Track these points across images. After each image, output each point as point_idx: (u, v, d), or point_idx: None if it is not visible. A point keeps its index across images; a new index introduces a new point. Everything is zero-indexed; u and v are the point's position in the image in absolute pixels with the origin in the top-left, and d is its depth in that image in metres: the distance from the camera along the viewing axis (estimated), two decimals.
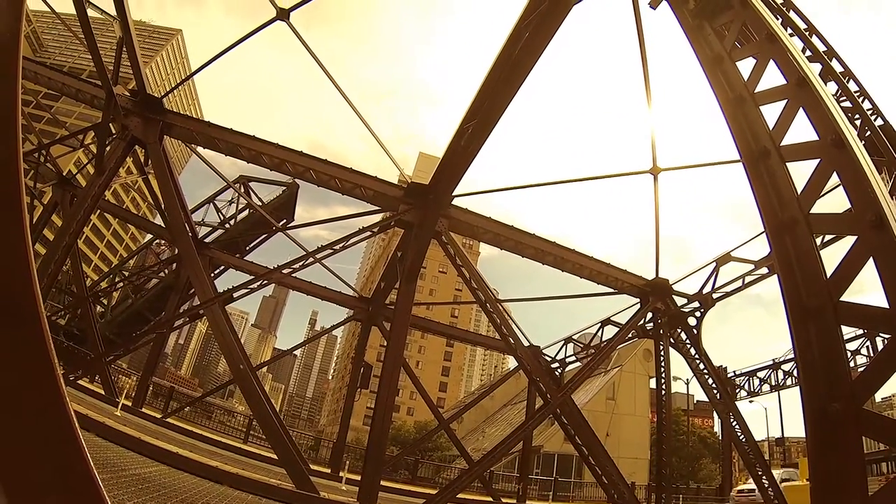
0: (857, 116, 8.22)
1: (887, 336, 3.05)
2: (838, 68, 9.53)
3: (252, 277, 14.46)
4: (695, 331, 15.79)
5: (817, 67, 7.34)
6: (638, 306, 15.29)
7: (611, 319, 17.95)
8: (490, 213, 13.71)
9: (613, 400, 39.03)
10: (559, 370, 21.16)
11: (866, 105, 9.55)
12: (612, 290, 15.23)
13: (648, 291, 15.03)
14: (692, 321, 15.91)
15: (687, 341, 15.55)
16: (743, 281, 15.62)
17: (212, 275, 17.74)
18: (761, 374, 29.39)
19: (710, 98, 5.04)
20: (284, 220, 22.23)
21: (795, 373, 24.96)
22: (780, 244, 3.83)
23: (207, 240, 20.09)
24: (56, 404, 1.24)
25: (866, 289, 3.98)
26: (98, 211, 18.60)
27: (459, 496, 13.37)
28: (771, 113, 4.35)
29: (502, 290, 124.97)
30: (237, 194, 21.46)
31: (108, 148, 12.65)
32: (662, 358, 15.28)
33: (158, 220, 20.63)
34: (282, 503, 8.95)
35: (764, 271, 14.98)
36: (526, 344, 15.38)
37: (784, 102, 4.21)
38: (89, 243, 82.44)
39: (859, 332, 21.41)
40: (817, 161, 3.76)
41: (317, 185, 13.26)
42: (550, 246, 14.31)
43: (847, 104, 8.22)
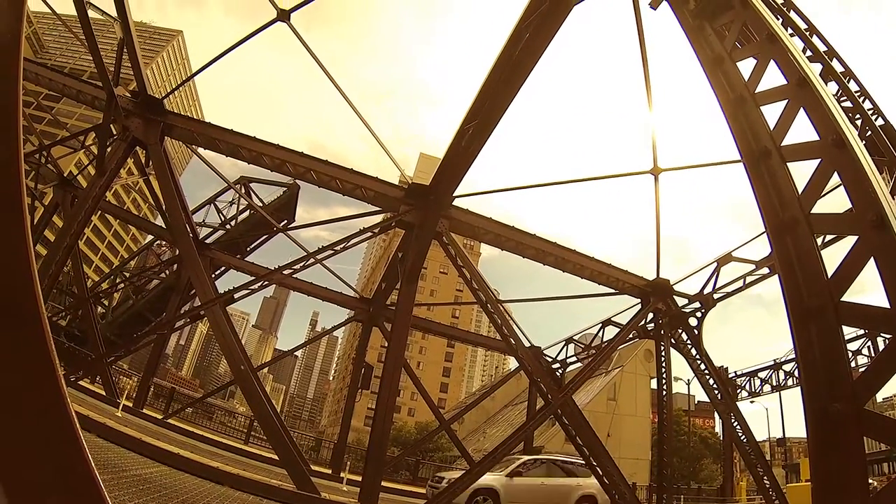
0: (858, 116, 8.22)
1: (888, 336, 3.05)
2: (839, 68, 9.52)
3: (253, 278, 14.45)
4: (696, 331, 15.77)
5: (818, 67, 7.33)
6: (639, 307, 15.27)
7: (612, 320, 17.94)
8: (491, 214, 13.71)
9: (614, 400, 38.93)
10: (560, 371, 21.15)
11: (867, 105, 9.54)
12: (613, 291, 15.22)
13: (649, 292, 15.01)
14: (693, 321, 15.90)
15: (688, 341, 15.52)
16: (744, 281, 15.61)
17: (212, 276, 17.77)
18: (762, 375, 29.37)
19: (711, 98, 5.05)
20: (285, 221, 22.28)
21: (796, 373, 24.93)
22: (781, 244, 3.83)
23: (208, 241, 20.13)
24: (57, 405, 1.24)
25: (867, 289, 3.98)
26: (99, 212, 18.62)
27: None
28: (772, 113, 4.36)
29: (503, 291, 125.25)
30: (238, 195, 21.50)
31: (109, 149, 12.67)
32: (663, 358, 15.26)
33: (159, 221, 20.63)
34: None
35: (765, 271, 14.97)
36: (527, 344, 15.38)
37: (785, 102, 4.21)
38: (90, 244, 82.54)
39: (860, 333, 21.40)
40: (818, 161, 3.76)
41: (317, 186, 13.27)
42: (551, 246, 14.31)
43: (848, 104, 8.21)
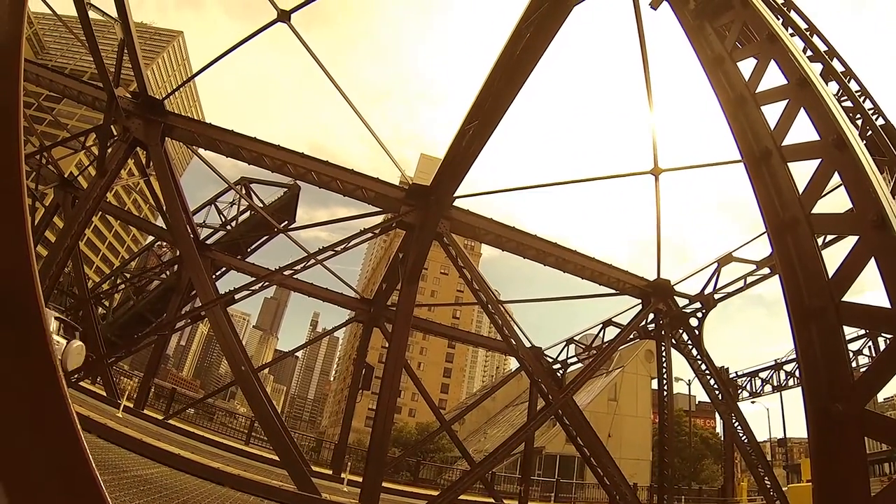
0: (859, 116, 8.21)
1: (889, 336, 3.04)
2: (839, 68, 9.51)
3: (253, 279, 14.44)
4: (696, 331, 15.76)
5: (818, 67, 7.31)
6: (639, 307, 15.27)
7: (612, 320, 17.93)
8: (491, 215, 13.72)
9: (615, 401, 38.91)
10: (561, 371, 21.13)
11: (867, 105, 9.54)
12: (614, 291, 15.21)
13: (650, 292, 15.00)
14: (694, 322, 15.90)
15: (689, 342, 15.52)
16: (744, 281, 15.60)
17: (213, 276, 17.78)
18: (763, 375, 29.36)
19: (712, 98, 5.05)
20: (286, 222, 22.31)
21: (797, 373, 24.87)
22: (782, 244, 3.82)
23: (209, 241, 20.17)
24: (58, 406, 1.24)
25: (867, 289, 3.98)
26: (100, 213, 18.63)
27: (461, 497, 13.37)
28: (772, 113, 4.35)
29: (504, 292, 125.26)
30: (238, 196, 21.53)
31: (110, 150, 12.67)
32: (664, 359, 15.25)
33: (160, 222, 20.64)
34: None
35: (765, 272, 14.96)
36: (528, 345, 15.37)
37: (785, 102, 4.20)
38: (91, 245, 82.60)
39: (861, 333, 21.38)
40: (819, 161, 3.75)
41: (318, 187, 13.28)
42: (552, 247, 14.30)
43: (848, 104, 8.19)
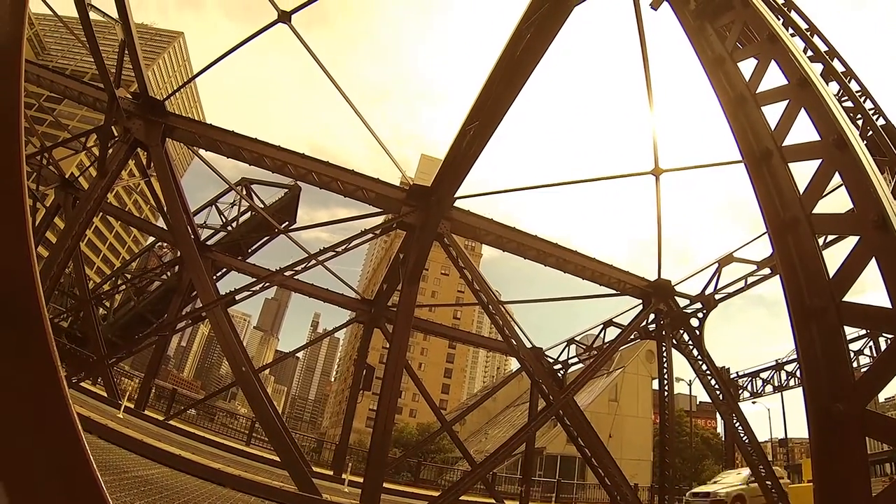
0: (859, 116, 8.20)
1: (890, 336, 3.04)
2: (840, 68, 9.50)
3: (254, 280, 14.46)
4: (697, 332, 15.72)
5: (819, 67, 7.30)
6: (640, 307, 15.26)
7: (613, 321, 17.91)
8: (492, 215, 13.72)
9: (616, 401, 38.85)
10: (562, 372, 21.10)
11: (868, 105, 9.53)
12: (615, 292, 15.21)
13: (651, 293, 14.99)
14: (694, 322, 15.86)
15: (689, 342, 15.49)
16: (745, 282, 15.56)
17: (214, 277, 17.78)
18: (764, 375, 29.36)
19: (712, 99, 5.04)
20: (286, 223, 22.30)
21: (798, 373, 24.87)
22: (783, 244, 3.82)
23: (209, 242, 20.16)
24: (59, 406, 1.24)
25: (868, 289, 3.98)
26: (100, 213, 18.63)
27: (462, 498, 13.35)
28: (773, 113, 4.35)
29: (504, 292, 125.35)
30: (239, 196, 21.54)
31: (111, 150, 12.68)
32: (665, 359, 15.23)
33: (160, 223, 20.66)
34: None
35: (766, 272, 14.92)
36: (528, 345, 15.38)
37: (786, 103, 4.20)
38: (92, 246, 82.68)
39: (862, 333, 21.37)
40: (819, 161, 3.75)
41: (318, 188, 13.28)
42: (552, 247, 14.30)
43: (849, 104, 8.18)
